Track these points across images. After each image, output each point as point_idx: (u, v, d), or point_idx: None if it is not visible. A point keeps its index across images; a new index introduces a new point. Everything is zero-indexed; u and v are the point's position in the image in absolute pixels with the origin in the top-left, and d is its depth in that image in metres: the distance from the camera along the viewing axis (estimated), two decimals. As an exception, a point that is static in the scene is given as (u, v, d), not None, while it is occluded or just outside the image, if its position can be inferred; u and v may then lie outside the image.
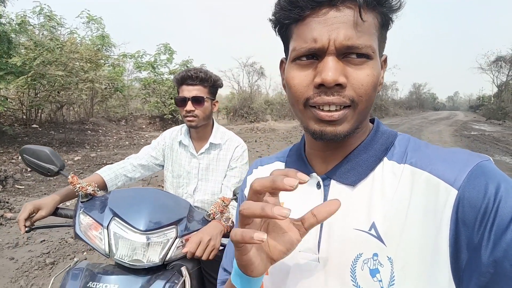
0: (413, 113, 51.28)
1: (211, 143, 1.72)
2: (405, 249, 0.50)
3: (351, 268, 0.53)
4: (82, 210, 1.22)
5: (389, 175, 0.56)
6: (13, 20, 10.21)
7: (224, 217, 1.31)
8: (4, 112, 9.64)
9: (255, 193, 0.46)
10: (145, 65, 16.04)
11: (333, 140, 0.55)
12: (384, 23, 0.56)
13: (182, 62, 16.78)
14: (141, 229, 1.13)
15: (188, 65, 16.58)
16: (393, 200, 0.53)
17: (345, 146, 0.61)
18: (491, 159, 0.52)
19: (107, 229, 1.14)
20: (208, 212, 1.32)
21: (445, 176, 0.50)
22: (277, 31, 0.61)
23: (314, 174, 0.63)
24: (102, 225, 1.16)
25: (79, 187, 1.27)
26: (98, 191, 1.33)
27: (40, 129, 10.56)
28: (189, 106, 1.61)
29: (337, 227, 0.57)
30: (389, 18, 0.56)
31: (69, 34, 12.40)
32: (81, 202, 1.26)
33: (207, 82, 1.66)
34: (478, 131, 18.27)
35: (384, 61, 0.61)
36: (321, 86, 0.52)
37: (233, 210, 1.55)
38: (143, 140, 12.07)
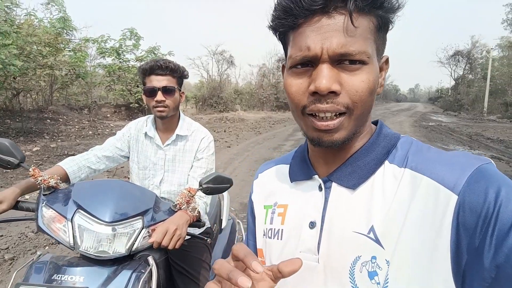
0: (377, 104, 52.96)
1: (178, 135, 1.73)
2: (401, 253, 0.50)
3: (349, 270, 0.54)
4: (44, 203, 1.21)
5: (389, 179, 0.56)
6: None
7: (190, 207, 1.34)
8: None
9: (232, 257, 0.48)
10: (109, 51, 15.29)
11: (331, 147, 0.57)
12: (382, 25, 0.55)
13: (149, 48, 16.19)
14: (107, 220, 1.14)
15: (155, 52, 16.06)
16: (392, 204, 0.54)
17: (346, 149, 0.62)
18: (492, 162, 0.52)
19: (71, 222, 1.14)
20: (174, 202, 1.34)
21: (445, 180, 0.50)
22: (277, 37, 0.62)
23: (315, 176, 0.65)
24: (66, 218, 1.15)
25: (41, 180, 1.25)
26: (60, 183, 1.31)
27: (-7, 118, 9.89)
28: (160, 96, 1.61)
29: (337, 229, 0.58)
30: (387, 19, 0.56)
31: (26, 15, 11.53)
32: (44, 195, 1.24)
33: (176, 72, 1.66)
34: (435, 122, 19.44)
35: (385, 62, 0.61)
36: (315, 93, 0.53)
37: (199, 200, 1.59)
38: (107, 129, 11.63)
